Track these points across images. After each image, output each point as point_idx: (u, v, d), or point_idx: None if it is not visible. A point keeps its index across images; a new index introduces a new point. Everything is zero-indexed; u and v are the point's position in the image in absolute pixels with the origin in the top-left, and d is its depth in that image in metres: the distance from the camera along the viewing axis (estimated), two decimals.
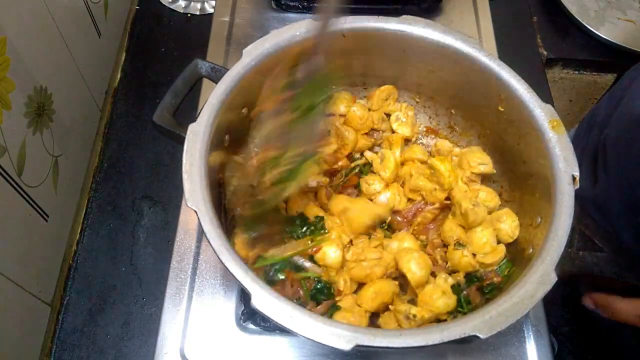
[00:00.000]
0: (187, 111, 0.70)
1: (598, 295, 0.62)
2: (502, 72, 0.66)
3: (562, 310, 0.89)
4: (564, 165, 0.59)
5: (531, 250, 0.59)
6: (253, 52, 0.65)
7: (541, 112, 0.63)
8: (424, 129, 0.81)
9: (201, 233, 0.76)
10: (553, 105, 0.64)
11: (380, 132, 0.80)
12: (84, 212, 0.88)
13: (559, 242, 0.55)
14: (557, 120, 0.62)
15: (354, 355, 0.69)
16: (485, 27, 0.98)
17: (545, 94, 0.96)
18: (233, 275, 0.52)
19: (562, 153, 0.60)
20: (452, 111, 0.78)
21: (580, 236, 0.58)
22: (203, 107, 0.61)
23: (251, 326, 0.70)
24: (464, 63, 0.69)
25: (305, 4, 0.98)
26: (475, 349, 0.70)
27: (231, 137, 0.68)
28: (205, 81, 0.70)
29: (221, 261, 0.52)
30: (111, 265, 0.82)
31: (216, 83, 0.64)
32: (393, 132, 0.79)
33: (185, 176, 0.57)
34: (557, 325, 0.86)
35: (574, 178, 0.58)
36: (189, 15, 1.08)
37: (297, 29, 0.67)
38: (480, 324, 0.49)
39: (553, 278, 0.52)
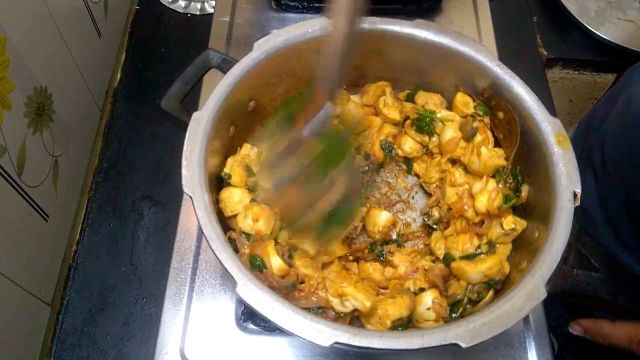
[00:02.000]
0: (193, 101, 0.70)
1: (586, 321, 0.61)
2: (512, 83, 0.65)
3: (562, 310, 0.89)
4: (567, 181, 0.59)
5: (525, 264, 0.59)
6: (264, 46, 0.66)
7: (548, 126, 0.62)
8: None
9: (201, 233, 0.76)
10: (553, 105, 0.64)
11: None
12: (84, 212, 0.88)
13: (552, 257, 0.54)
14: (564, 135, 0.61)
15: (354, 355, 0.69)
16: (485, 27, 0.98)
17: (545, 94, 0.96)
18: (221, 263, 0.52)
19: (565, 169, 0.59)
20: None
21: (576, 254, 0.56)
22: (209, 96, 0.62)
23: (251, 326, 0.70)
24: (475, 71, 0.68)
25: (305, 4, 0.98)
26: (475, 349, 0.69)
27: (237, 128, 0.68)
28: (209, 72, 0.69)
29: (211, 248, 0.53)
30: (111, 265, 0.82)
31: (225, 74, 0.64)
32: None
33: (184, 162, 0.57)
34: (557, 325, 0.86)
35: (575, 195, 0.57)
36: (189, 15, 1.08)
37: (309, 26, 0.67)
38: (463, 332, 0.49)
39: (542, 293, 0.52)
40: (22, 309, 0.72)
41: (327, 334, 0.48)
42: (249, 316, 0.71)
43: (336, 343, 0.48)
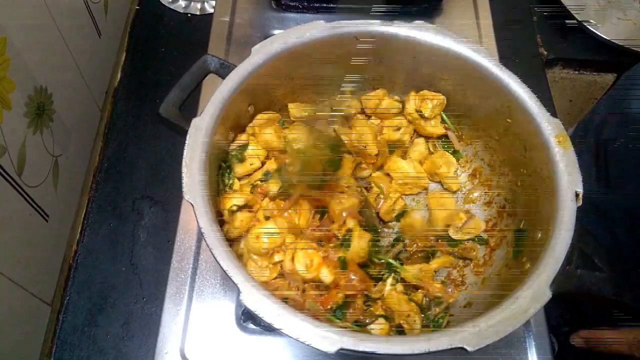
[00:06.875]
0: (191, 106, 0.70)
1: (586, 332, 0.61)
2: (511, 83, 0.65)
3: (562, 310, 0.89)
4: (568, 181, 0.58)
5: (528, 265, 0.58)
6: (261, 51, 0.66)
7: (548, 126, 0.62)
8: None
9: (201, 232, 0.76)
10: (553, 106, 0.64)
11: None
12: (84, 212, 0.88)
13: (556, 258, 0.54)
14: (564, 135, 0.61)
15: (355, 357, 0.69)
16: (485, 27, 0.98)
17: (545, 94, 0.96)
18: (224, 271, 0.52)
19: (567, 169, 0.59)
20: (460, 120, 0.78)
21: (579, 254, 0.56)
22: (208, 102, 0.62)
23: (251, 326, 0.70)
24: (474, 72, 0.68)
25: (305, 3, 0.98)
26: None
27: (236, 134, 0.68)
28: (208, 77, 0.69)
29: (214, 256, 0.53)
30: (111, 265, 0.82)
31: (223, 79, 0.64)
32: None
33: (184, 170, 0.57)
34: (557, 325, 0.86)
35: (577, 195, 0.57)
36: (189, 15, 1.08)
37: (306, 29, 0.67)
38: (468, 336, 0.49)
39: (547, 295, 0.52)
40: (22, 308, 0.72)
41: (332, 340, 0.48)
42: (249, 316, 0.71)
43: (341, 349, 0.48)
